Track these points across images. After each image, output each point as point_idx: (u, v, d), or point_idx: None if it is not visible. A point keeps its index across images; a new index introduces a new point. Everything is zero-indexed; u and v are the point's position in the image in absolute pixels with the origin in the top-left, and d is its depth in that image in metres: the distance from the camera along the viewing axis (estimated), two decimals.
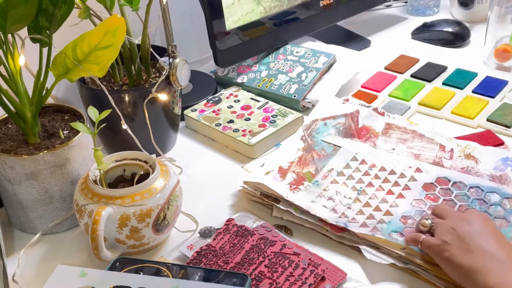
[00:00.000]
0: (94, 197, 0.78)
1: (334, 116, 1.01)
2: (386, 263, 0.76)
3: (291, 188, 0.87)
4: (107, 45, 0.75)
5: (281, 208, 0.85)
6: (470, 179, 0.87)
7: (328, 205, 0.84)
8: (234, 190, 0.92)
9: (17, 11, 0.74)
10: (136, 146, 0.81)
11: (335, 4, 1.29)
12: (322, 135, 0.98)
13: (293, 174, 0.90)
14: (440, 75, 1.20)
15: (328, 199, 0.85)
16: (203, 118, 1.07)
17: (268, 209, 0.88)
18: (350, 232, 0.80)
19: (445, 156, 0.92)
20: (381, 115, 1.02)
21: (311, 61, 1.17)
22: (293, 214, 0.83)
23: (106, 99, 0.80)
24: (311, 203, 0.84)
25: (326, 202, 0.85)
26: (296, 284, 0.73)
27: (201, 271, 0.74)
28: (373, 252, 0.77)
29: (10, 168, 0.81)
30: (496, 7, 1.20)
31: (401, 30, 1.42)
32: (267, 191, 0.87)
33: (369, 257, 0.77)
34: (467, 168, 0.89)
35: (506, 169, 0.88)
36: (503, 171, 0.87)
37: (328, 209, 0.83)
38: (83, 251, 0.83)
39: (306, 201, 0.85)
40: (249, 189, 0.89)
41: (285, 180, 0.89)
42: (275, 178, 0.89)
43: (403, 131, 0.98)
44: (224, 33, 1.12)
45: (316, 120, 1.01)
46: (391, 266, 0.76)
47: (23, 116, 0.82)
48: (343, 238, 0.80)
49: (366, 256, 0.77)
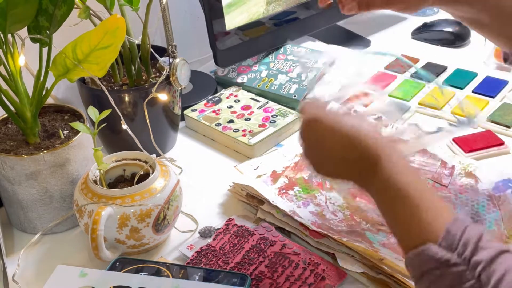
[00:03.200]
0: (94, 197, 0.78)
1: None
2: (359, 271, 0.75)
3: (279, 192, 0.87)
4: (107, 45, 0.75)
5: (265, 210, 0.84)
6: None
7: (315, 210, 0.84)
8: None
9: (17, 11, 0.74)
10: (136, 146, 0.81)
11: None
12: None
13: (285, 179, 0.90)
14: (440, 75, 1.20)
15: (316, 205, 0.85)
16: (203, 118, 1.07)
17: (255, 210, 0.87)
18: (329, 239, 0.79)
19: (444, 172, 0.90)
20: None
21: (311, 61, 1.17)
22: (275, 216, 0.83)
23: (106, 99, 0.80)
24: (297, 208, 0.84)
25: (314, 207, 0.84)
26: (296, 284, 0.73)
27: (201, 271, 0.74)
28: (348, 259, 0.76)
29: (10, 168, 0.81)
30: None
31: (401, 30, 1.42)
32: (253, 193, 0.86)
33: (342, 264, 0.76)
34: (466, 186, 0.87)
35: (506, 190, 0.85)
36: (502, 192, 0.85)
37: (313, 214, 0.83)
38: (83, 251, 0.83)
39: (292, 206, 0.84)
40: (237, 189, 0.89)
41: (275, 184, 0.88)
42: (265, 181, 0.89)
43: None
44: (224, 33, 1.12)
45: None
46: (363, 275, 0.76)
47: (23, 116, 0.82)
48: (321, 244, 0.79)
49: (339, 263, 0.76)
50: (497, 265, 0.53)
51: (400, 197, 0.60)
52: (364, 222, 0.82)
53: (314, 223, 0.81)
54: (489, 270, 0.52)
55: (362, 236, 0.79)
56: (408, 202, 0.59)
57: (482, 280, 0.52)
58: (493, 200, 0.84)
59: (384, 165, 0.61)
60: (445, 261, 0.55)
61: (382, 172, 0.61)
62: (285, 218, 0.82)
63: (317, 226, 0.80)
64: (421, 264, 0.56)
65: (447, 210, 0.59)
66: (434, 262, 0.55)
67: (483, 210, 0.83)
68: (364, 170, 0.63)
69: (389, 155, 0.61)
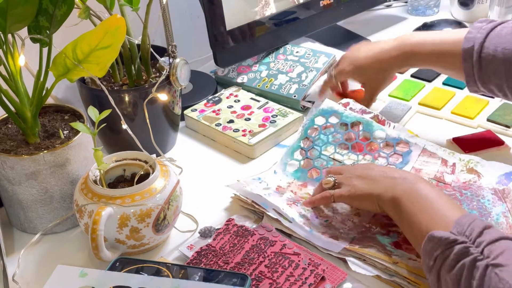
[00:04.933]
0: (94, 197, 0.78)
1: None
2: (371, 274, 0.75)
3: (288, 202, 0.86)
4: (107, 45, 0.75)
5: (272, 217, 0.83)
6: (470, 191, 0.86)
7: (324, 221, 0.84)
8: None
9: (17, 11, 0.74)
10: (136, 146, 0.81)
11: (335, 4, 1.29)
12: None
13: (291, 193, 0.89)
14: (440, 75, 1.19)
15: (323, 217, 0.85)
16: (203, 118, 1.07)
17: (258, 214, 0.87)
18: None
19: (446, 170, 0.90)
20: (382, 123, 0.97)
21: (311, 61, 1.17)
22: (282, 223, 0.82)
23: (106, 99, 0.80)
24: (307, 220, 0.83)
25: (322, 219, 0.84)
26: (296, 284, 0.73)
27: (201, 271, 0.74)
28: (359, 263, 0.76)
29: (10, 168, 0.81)
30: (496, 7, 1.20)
31: (401, 30, 1.42)
32: (258, 208, 0.86)
33: (354, 268, 0.76)
34: (469, 182, 0.87)
35: (509, 183, 0.85)
36: (506, 185, 0.85)
37: (322, 226, 0.83)
38: (83, 251, 0.83)
39: (301, 216, 0.84)
40: (241, 196, 0.88)
41: (283, 197, 0.88)
42: (273, 195, 0.88)
43: (404, 145, 0.94)
44: (224, 33, 1.12)
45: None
46: (376, 278, 0.76)
47: (23, 116, 0.82)
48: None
49: (351, 268, 0.76)
50: (498, 244, 0.62)
51: (417, 197, 0.74)
52: (374, 226, 0.82)
53: (325, 233, 0.81)
54: (491, 247, 0.62)
55: (374, 240, 0.79)
56: (424, 201, 0.73)
57: (484, 253, 0.62)
58: (498, 194, 0.85)
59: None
60: (453, 240, 0.64)
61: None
62: (293, 225, 0.82)
63: (328, 236, 0.80)
64: (433, 249, 0.66)
65: (459, 209, 0.72)
66: (444, 243, 0.65)
67: (489, 204, 0.83)
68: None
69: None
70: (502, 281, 0.59)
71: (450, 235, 0.65)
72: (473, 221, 0.66)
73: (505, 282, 0.59)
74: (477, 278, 0.61)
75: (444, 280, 0.65)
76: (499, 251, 0.62)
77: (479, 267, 0.61)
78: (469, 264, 0.62)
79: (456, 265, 0.63)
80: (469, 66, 0.88)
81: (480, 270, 0.61)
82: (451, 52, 0.90)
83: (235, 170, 0.98)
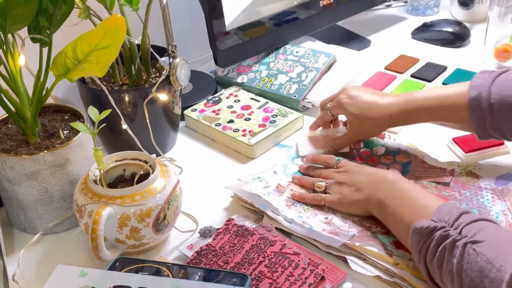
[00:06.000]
0: (94, 197, 0.78)
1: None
2: (372, 275, 0.75)
3: (287, 203, 0.86)
4: (107, 45, 0.75)
5: (271, 216, 0.83)
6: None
7: (324, 219, 0.84)
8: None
9: (17, 11, 0.74)
10: (136, 146, 0.81)
11: (335, 4, 1.29)
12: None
13: (291, 192, 0.89)
14: (440, 75, 1.20)
15: (324, 213, 0.85)
16: (203, 118, 1.07)
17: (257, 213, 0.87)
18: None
19: (445, 174, 0.90)
20: (381, 137, 0.98)
21: (311, 61, 1.17)
22: (281, 223, 0.82)
23: (106, 99, 0.80)
24: (306, 219, 0.83)
25: (323, 216, 0.84)
26: (296, 284, 0.73)
27: (201, 271, 0.74)
28: (360, 263, 0.77)
29: (10, 168, 0.81)
30: (496, 7, 1.20)
31: (401, 30, 1.42)
32: (256, 209, 0.86)
33: (354, 267, 0.76)
34: (468, 183, 0.88)
35: (508, 184, 0.86)
36: (505, 185, 0.86)
37: (323, 222, 0.83)
38: (83, 251, 0.83)
39: (300, 216, 0.84)
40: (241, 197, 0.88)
41: (282, 196, 0.88)
42: (272, 193, 0.88)
43: (404, 156, 0.95)
44: (224, 33, 1.12)
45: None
46: (376, 278, 0.76)
47: (23, 116, 0.82)
48: (330, 248, 0.79)
49: (352, 267, 0.76)
50: (475, 225, 0.67)
51: (398, 194, 0.79)
52: (374, 226, 0.82)
53: (325, 230, 0.81)
54: (469, 227, 0.66)
55: (374, 239, 0.79)
56: (405, 197, 0.78)
57: (462, 233, 0.66)
58: (497, 193, 0.85)
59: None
60: (433, 228, 0.68)
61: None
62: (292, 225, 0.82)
63: (328, 232, 0.80)
64: (418, 240, 0.70)
65: (439, 199, 0.75)
66: (425, 233, 0.69)
67: (488, 203, 0.84)
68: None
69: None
70: (480, 255, 0.63)
71: (430, 223, 0.69)
72: (452, 208, 0.70)
73: (483, 256, 0.63)
74: (457, 256, 0.65)
75: (432, 269, 0.69)
76: (476, 230, 0.66)
77: (458, 246, 0.65)
78: (449, 245, 0.66)
79: (438, 249, 0.67)
80: (478, 114, 0.84)
81: (459, 248, 0.65)
82: (457, 103, 0.85)
83: (235, 170, 0.98)
